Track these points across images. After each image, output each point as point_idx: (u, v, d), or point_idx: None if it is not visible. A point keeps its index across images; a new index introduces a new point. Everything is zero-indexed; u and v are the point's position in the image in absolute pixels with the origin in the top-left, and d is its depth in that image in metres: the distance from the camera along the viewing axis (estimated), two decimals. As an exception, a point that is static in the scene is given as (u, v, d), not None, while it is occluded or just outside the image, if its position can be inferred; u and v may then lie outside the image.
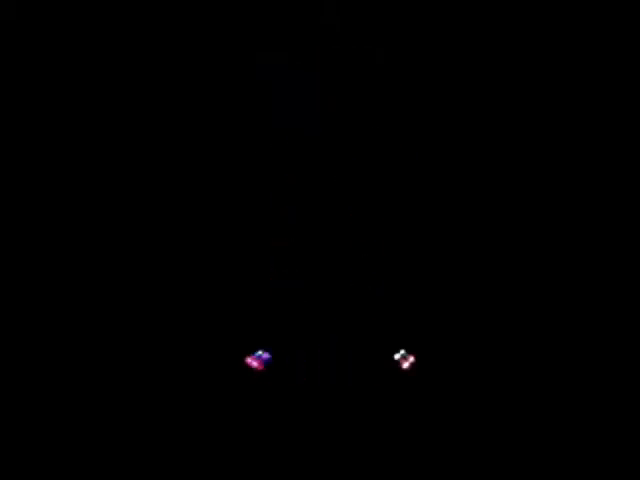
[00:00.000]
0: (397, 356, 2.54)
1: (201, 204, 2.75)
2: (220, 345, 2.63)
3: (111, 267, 2.68)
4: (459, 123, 2.79)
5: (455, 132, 2.79)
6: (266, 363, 2.58)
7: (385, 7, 2.79)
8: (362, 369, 2.60)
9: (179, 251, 2.70)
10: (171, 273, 2.68)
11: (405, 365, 2.57)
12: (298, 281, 2.68)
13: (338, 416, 2.53)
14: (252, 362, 2.58)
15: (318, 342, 2.62)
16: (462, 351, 2.63)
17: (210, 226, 2.72)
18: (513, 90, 2.78)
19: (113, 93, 2.78)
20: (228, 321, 2.65)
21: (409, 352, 2.63)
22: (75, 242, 2.68)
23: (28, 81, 2.75)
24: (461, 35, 2.79)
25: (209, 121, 2.79)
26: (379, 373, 2.60)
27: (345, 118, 2.78)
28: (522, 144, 2.77)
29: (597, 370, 2.59)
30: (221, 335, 2.64)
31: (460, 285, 2.69)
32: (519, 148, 2.77)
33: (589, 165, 2.73)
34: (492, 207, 2.74)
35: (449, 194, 2.76)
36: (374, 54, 2.78)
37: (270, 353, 2.60)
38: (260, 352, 2.59)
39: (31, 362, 2.56)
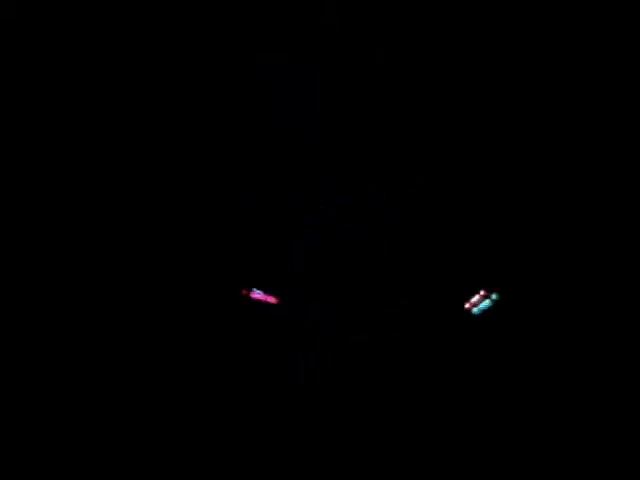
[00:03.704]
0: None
1: (201, 203, 2.75)
2: (220, 348, 2.62)
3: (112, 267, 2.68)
4: (459, 122, 2.79)
5: (455, 131, 2.79)
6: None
7: (385, 7, 2.79)
8: (362, 369, 2.60)
9: (178, 251, 2.70)
10: (171, 275, 2.68)
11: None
12: (298, 281, 2.68)
13: (338, 416, 2.53)
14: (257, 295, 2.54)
15: (318, 342, 2.62)
16: (462, 351, 2.63)
17: (209, 225, 2.72)
18: (512, 89, 2.78)
19: (113, 93, 2.78)
20: (226, 322, 2.65)
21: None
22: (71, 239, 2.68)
23: (28, 81, 2.75)
24: (461, 35, 2.79)
25: (209, 121, 2.79)
26: (379, 373, 2.60)
27: (345, 118, 2.78)
28: (521, 143, 2.77)
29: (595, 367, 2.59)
30: (219, 336, 2.63)
31: (460, 289, 2.69)
32: (518, 147, 2.77)
33: (589, 165, 2.73)
34: (491, 206, 2.74)
35: (448, 192, 2.76)
36: (374, 54, 2.78)
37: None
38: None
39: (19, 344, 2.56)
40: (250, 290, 2.54)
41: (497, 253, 2.72)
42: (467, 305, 2.57)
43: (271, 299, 2.55)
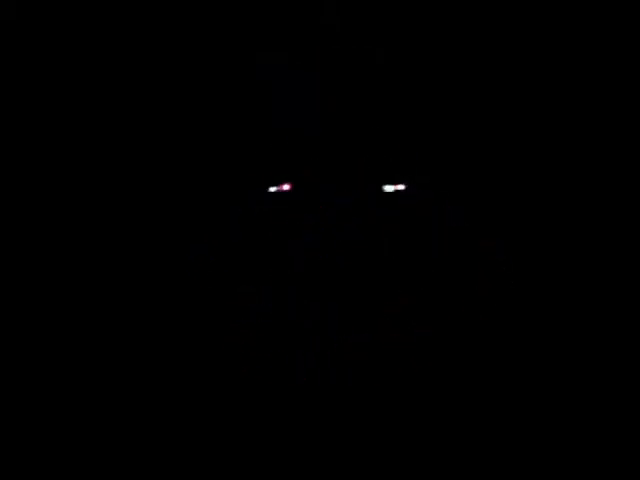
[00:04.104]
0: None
1: (200, 204, 2.75)
2: (220, 348, 2.63)
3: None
4: (460, 123, 2.79)
5: (456, 132, 2.79)
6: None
7: (385, 7, 2.79)
8: (362, 369, 2.60)
9: (177, 253, 2.70)
10: (170, 280, 2.68)
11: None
12: (298, 281, 2.68)
13: (338, 416, 2.53)
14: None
15: (318, 342, 2.62)
16: (462, 351, 2.64)
17: (209, 226, 2.72)
18: (515, 91, 2.78)
19: (112, 93, 2.78)
20: (225, 329, 2.66)
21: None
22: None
23: (28, 81, 2.75)
24: (462, 35, 2.79)
25: (208, 121, 2.80)
26: (379, 373, 2.60)
27: (345, 118, 2.79)
28: (524, 146, 2.77)
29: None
30: (219, 336, 2.64)
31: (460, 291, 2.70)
32: (521, 150, 2.77)
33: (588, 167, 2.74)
34: (491, 210, 2.75)
35: (448, 193, 2.76)
36: (374, 54, 2.78)
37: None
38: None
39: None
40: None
41: (497, 252, 2.72)
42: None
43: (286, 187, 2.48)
